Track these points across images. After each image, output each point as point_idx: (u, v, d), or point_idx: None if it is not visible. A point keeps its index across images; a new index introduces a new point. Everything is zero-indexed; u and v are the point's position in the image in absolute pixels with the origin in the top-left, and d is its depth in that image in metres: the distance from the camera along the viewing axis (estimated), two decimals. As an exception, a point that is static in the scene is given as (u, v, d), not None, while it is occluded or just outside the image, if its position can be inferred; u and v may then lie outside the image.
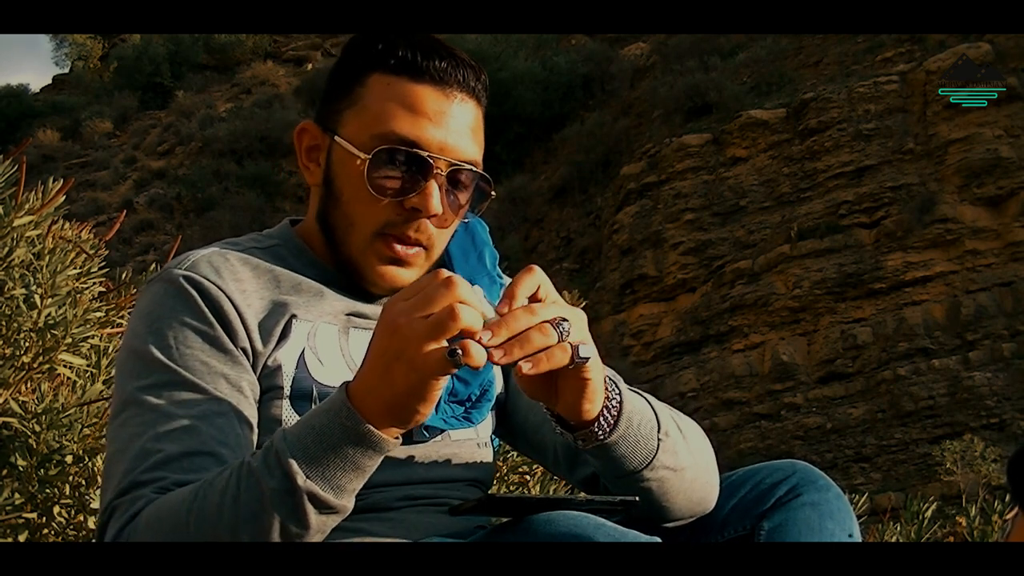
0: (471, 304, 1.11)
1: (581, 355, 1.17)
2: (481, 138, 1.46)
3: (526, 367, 1.13)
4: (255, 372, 1.36)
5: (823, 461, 19.07)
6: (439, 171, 1.39)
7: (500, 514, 1.27)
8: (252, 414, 1.34)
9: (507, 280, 1.61)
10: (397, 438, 1.17)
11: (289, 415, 1.36)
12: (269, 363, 1.37)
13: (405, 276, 1.41)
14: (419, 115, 1.39)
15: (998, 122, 21.60)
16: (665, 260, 24.29)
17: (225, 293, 1.36)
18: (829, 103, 23.57)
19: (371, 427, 1.14)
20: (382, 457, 1.18)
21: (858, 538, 1.41)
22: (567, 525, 1.14)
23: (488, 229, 1.57)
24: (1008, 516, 3.41)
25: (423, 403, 1.14)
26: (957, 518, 3.68)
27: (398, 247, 1.42)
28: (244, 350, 1.35)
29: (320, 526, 1.17)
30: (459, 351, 1.08)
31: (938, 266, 21.08)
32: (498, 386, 1.56)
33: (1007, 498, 3.50)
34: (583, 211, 28.08)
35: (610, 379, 1.30)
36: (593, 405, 1.25)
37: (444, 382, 1.14)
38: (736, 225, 23.81)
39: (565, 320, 1.16)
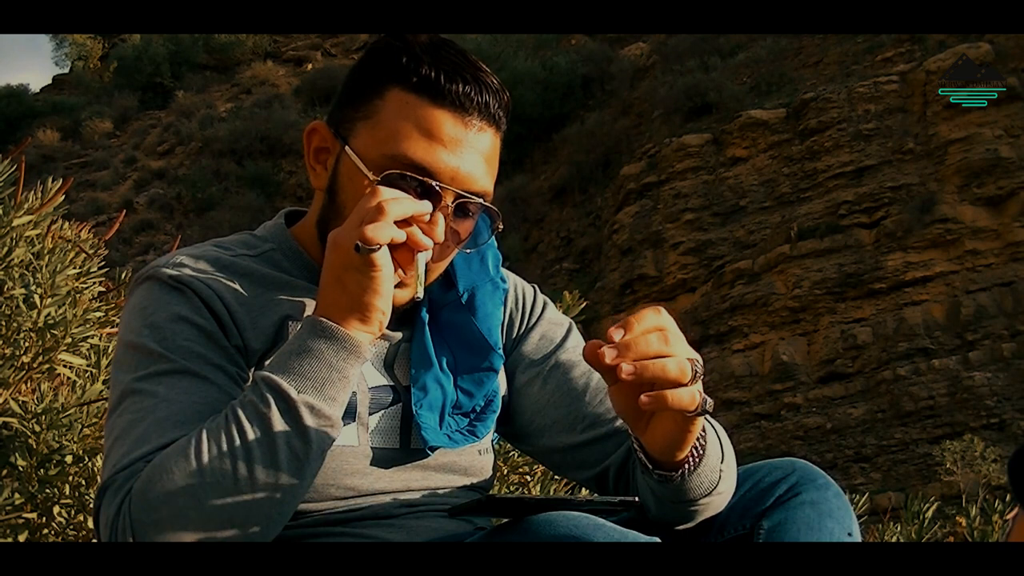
0: (397, 198, 1.24)
1: (707, 408, 1.18)
2: (495, 165, 1.42)
3: (644, 400, 1.14)
4: (249, 371, 1.36)
5: (823, 461, 19.06)
6: (446, 203, 1.36)
7: (500, 514, 1.27)
8: None
9: (510, 279, 1.59)
10: (371, 345, 1.26)
11: None
12: (263, 365, 1.35)
13: (401, 296, 1.35)
14: (434, 140, 1.35)
15: (998, 122, 21.59)
16: (665, 260, 24.28)
17: (215, 292, 1.35)
18: (829, 103, 23.56)
19: (340, 327, 1.24)
20: (359, 363, 1.25)
21: (858, 536, 1.41)
22: (567, 525, 1.14)
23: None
24: (1008, 516, 3.41)
25: (376, 296, 1.24)
26: (957, 518, 3.68)
27: (397, 270, 1.40)
28: (238, 347, 1.35)
29: (319, 441, 1.22)
30: (359, 243, 1.21)
31: (938, 266, 21.07)
32: (501, 388, 1.55)
33: (1007, 498, 3.49)
34: (583, 211, 28.07)
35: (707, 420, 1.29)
36: (684, 452, 1.26)
37: (390, 271, 1.24)
38: (736, 225, 23.81)
39: (700, 362, 1.18)
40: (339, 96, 1.45)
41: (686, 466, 1.28)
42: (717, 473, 1.33)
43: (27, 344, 2.18)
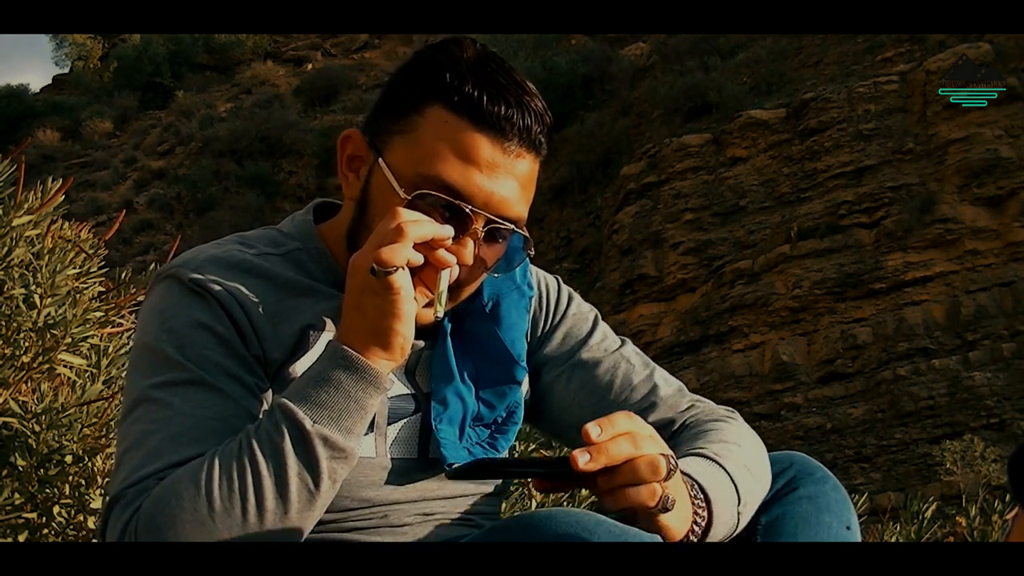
0: (417, 220, 1.22)
1: (667, 506, 1.17)
2: (531, 191, 1.38)
3: (607, 501, 1.16)
4: (268, 380, 1.34)
5: (823, 461, 18.78)
6: (477, 227, 1.32)
7: (493, 476, 1.29)
8: None
9: (534, 276, 1.56)
10: (391, 379, 1.26)
11: None
12: (286, 374, 1.33)
13: (426, 314, 1.33)
14: (470, 164, 1.31)
15: (998, 122, 21.60)
16: (665, 260, 24.30)
17: (236, 299, 1.32)
18: (829, 103, 23.57)
19: (361, 356, 1.22)
20: (380, 394, 1.24)
21: (856, 529, 1.41)
22: (568, 524, 1.14)
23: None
24: (1008, 516, 3.41)
25: (396, 320, 1.23)
26: (957, 518, 3.68)
27: (419, 288, 1.35)
28: (256, 357, 1.32)
29: (331, 473, 1.21)
30: (374, 266, 1.20)
31: (938, 266, 21.08)
32: (524, 393, 1.53)
33: (1007, 498, 3.50)
34: (583, 211, 28.09)
35: (697, 490, 1.26)
36: (673, 539, 1.22)
37: (409, 294, 1.22)
38: (736, 225, 23.82)
39: (674, 458, 1.17)
40: (378, 104, 1.40)
41: (689, 537, 1.25)
42: (735, 519, 1.31)
43: (27, 344, 2.18)
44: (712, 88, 26.20)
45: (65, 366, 2.22)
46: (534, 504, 2.72)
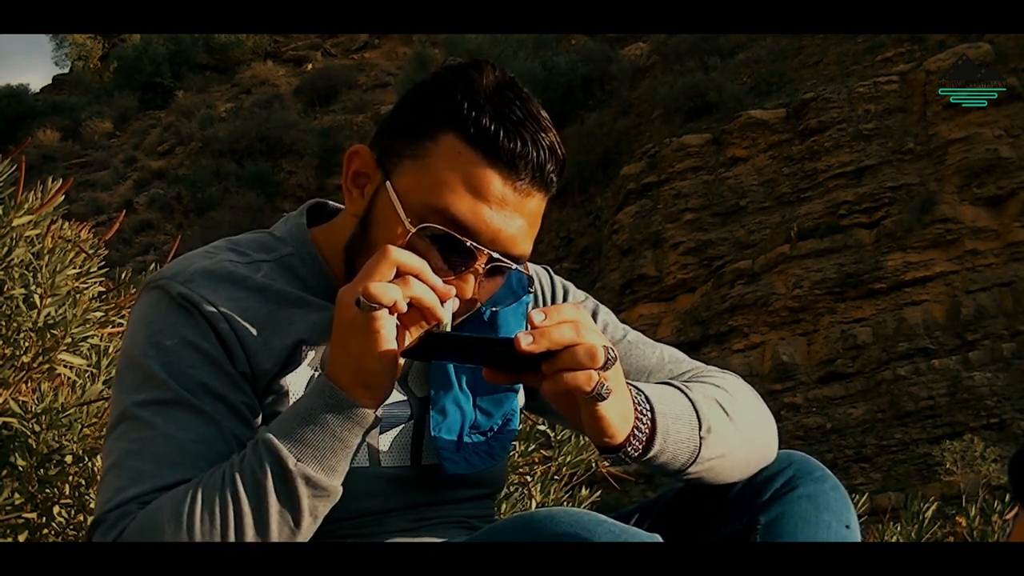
0: (413, 267, 1.21)
1: (601, 393, 1.17)
2: (537, 227, 1.37)
3: (545, 386, 1.17)
4: (257, 395, 1.33)
5: (823, 461, 18.79)
6: (480, 264, 1.31)
7: (443, 357, 1.30)
8: (250, 439, 1.30)
9: (531, 288, 1.55)
10: (376, 416, 1.24)
11: None
12: (275, 387, 1.33)
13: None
14: (480, 199, 1.29)
15: (998, 122, 21.60)
16: (665, 260, 24.29)
17: (223, 315, 1.31)
18: (829, 103, 23.57)
19: (347, 395, 1.21)
20: (363, 432, 1.23)
21: (855, 528, 1.41)
22: (568, 524, 1.14)
23: None
24: (1008, 516, 3.41)
25: (377, 363, 1.21)
26: (957, 518, 3.68)
27: (411, 329, 1.31)
28: (243, 373, 1.31)
29: (312, 510, 1.21)
30: (360, 298, 1.18)
31: (938, 266, 21.08)
32: (520, 395, 1.52)
33: (1007, 498, 3.50)
34: (583, 211, 28.08)
35: (642, 398, 1.27)
36: (613, 436, 1.23)
37: (391, 335, 1.20)
38: (736, 225, 23.81)
39: (613, 350, 1.17)
40: (389, 123, 1.38)
41: (631, 449, 1.25)
42: (695, 442, 1.31)
43: (27, 344, 2.18)
44: (712, 88, 26.19)
45: (65, 366, 2.22)
46: (534, 504, 2.72)
